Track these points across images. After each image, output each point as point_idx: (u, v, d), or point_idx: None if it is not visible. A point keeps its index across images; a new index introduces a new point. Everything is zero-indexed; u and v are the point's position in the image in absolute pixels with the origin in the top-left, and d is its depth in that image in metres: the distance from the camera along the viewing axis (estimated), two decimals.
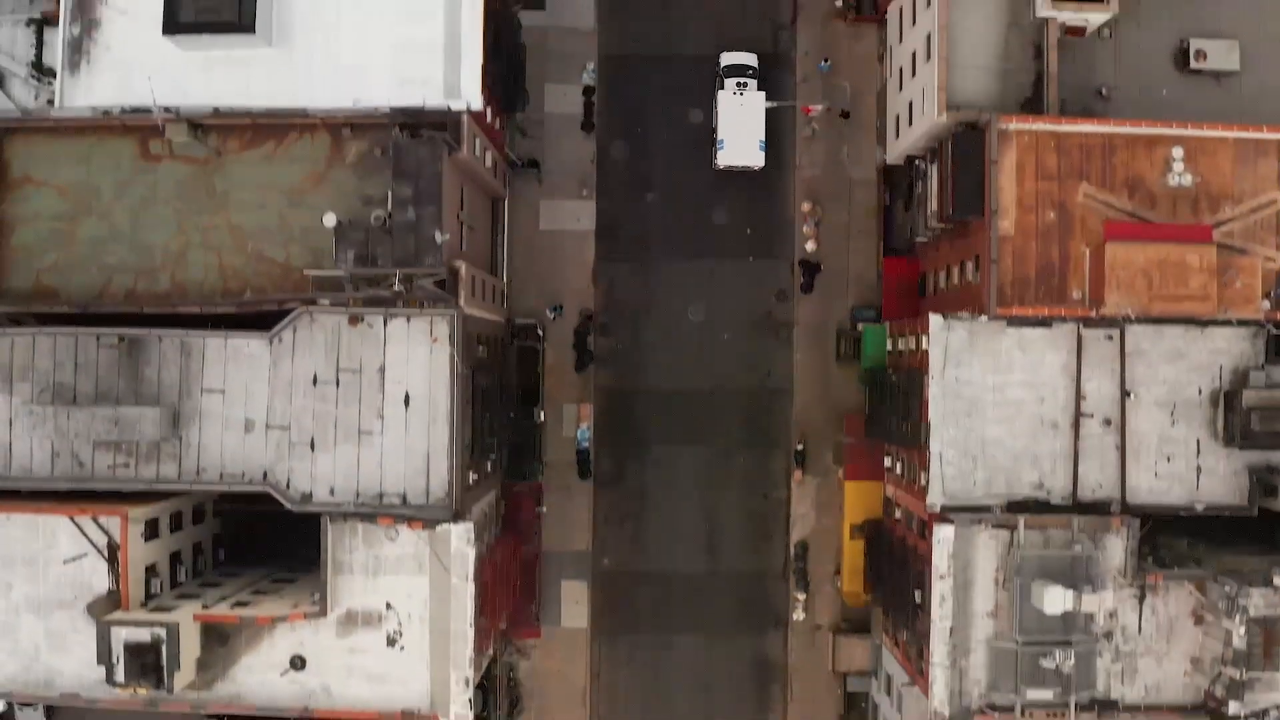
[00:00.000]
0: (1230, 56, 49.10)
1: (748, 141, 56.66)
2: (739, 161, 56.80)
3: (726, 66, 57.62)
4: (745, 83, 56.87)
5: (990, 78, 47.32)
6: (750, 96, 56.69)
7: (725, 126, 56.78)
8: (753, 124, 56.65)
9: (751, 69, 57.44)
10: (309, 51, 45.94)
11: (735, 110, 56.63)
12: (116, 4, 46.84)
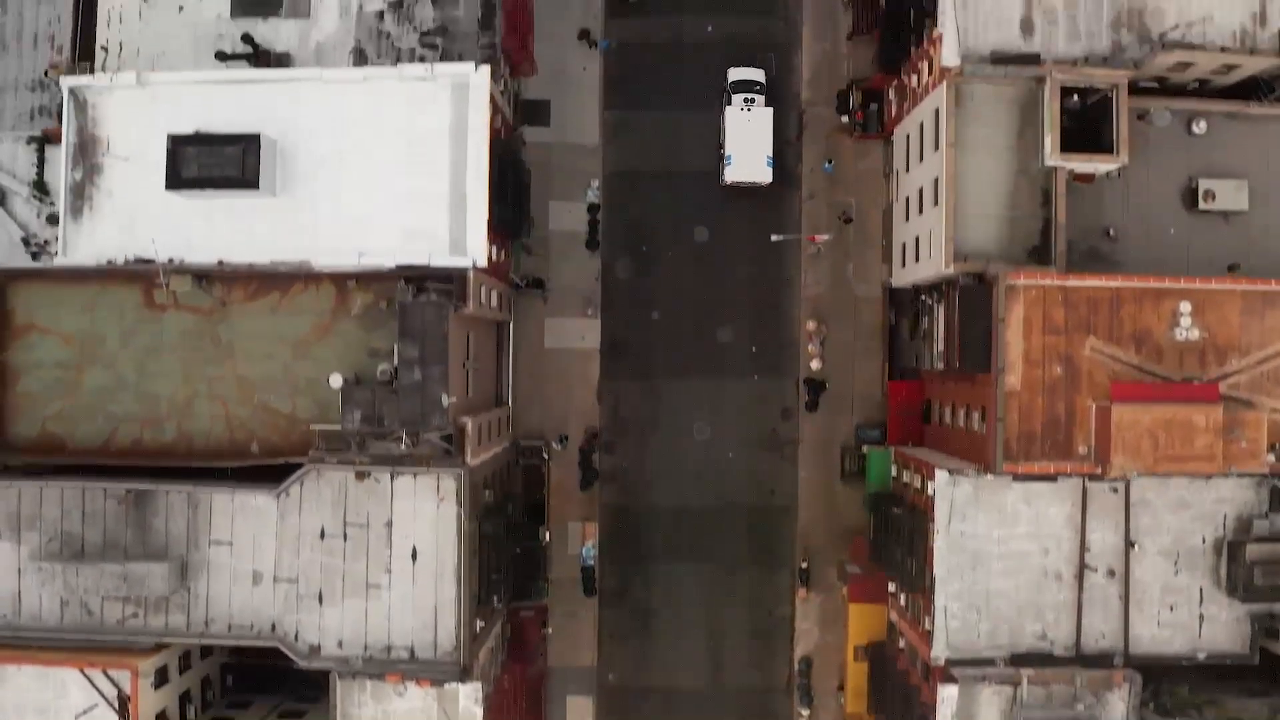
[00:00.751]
0: (1239, 196, 48.98)
1: (755, 158, 56.51)
2: (746, 177, 56.62)
3: (734, 82, 57.43)
4: (752, 99, 56.64)
5: (998, 225, 47.10)
6: (757, 113, 56.53)
7: (733, 143, 56.55)
8: (760, 140, 56.49)
9: (759, 85, 57.31)
10: (314, 203, 45.74)
11: (743, 126, 56.53)
12: (118, 150, 47.03)
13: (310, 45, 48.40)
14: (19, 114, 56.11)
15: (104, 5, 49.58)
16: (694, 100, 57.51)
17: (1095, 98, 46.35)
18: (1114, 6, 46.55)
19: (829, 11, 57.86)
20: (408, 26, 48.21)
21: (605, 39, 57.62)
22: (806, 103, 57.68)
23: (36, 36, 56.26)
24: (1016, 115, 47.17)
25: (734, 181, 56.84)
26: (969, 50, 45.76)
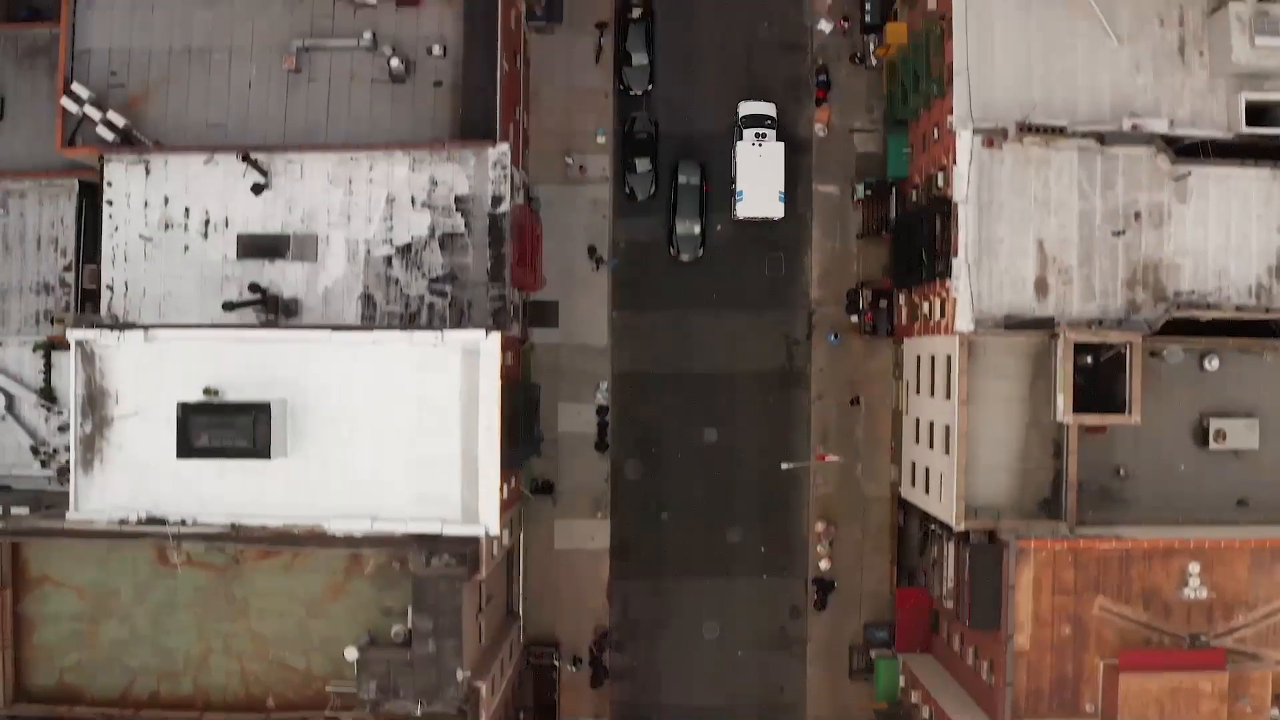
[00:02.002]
0: (1250, 435, 48.76)
1: (767, 193, 56.43)
2: (758, 213, 56.58)
3: (745, 116, 57.30)
4: (764, 133, 56.48)
5: (1008, 477, 47.01)
6: (769, 147, 56.37)
7: (744, 178, 56.39)
8: (771, 175, 56.37)
9: (770, 119, 57.12)
10: (325, 464, 45.38)
11: (754, 161, 56.41)
12: (127, 403, 47.01)
13: (318, 290, 48.22)
14: (24, 317, 55.34)
15: (108, 244, 49.36)
16: (703, 300, 57.36)
17: (1109, 354, 46.37)
18: (1129, 264, 46.48)
19: (839, 210, 57.58)
20: (416, 273, 48.00)
21: (613, 258, 57.40)
22: (816, 302, 57.47)
23: (40, 239, 55.70)
24: (1029, 366, 47.09)
25: (746, 217, 56.49)
26: (983, 315, 45.65)
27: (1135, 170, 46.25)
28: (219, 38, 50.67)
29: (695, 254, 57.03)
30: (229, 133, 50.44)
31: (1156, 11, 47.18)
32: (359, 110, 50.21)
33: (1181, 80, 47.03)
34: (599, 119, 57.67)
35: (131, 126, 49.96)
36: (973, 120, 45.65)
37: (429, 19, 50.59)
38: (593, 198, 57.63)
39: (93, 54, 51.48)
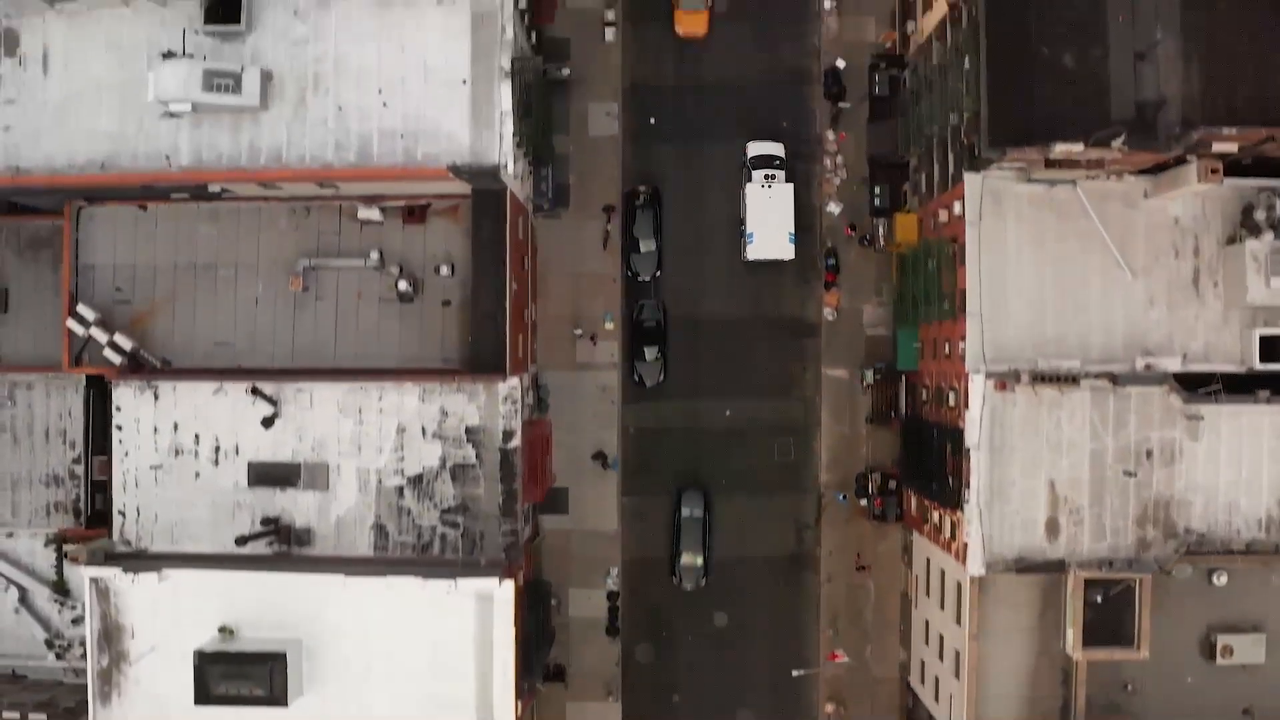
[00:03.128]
0: (1256, 650, 48.72)
1: (777, 233, 56.34)
2: (768, 254, 56.39)
3: (753, 157, 57.10)
4: (773, 174, 56.32)
5: (1017, 704, 47.19)
6: (778, 188, 56.24)
7: (754, 219, 56.39)
8: (781, 215, 56.20)
9: (778, 159, 57.00)
10: (341, 705, 45.73)
11: (763, 203, 56.27)
12: (143, 639, 47.13)
13: (330, 519, 48.09)
14: (34, 509, 55.45)
15: (118, 468, 49.21)
16: (713, 485, 57.21)
17: (1118, 589, 46.44)
18: (1140, 502, 46.30)
19: (848, 394, 57.27)
20: (428, 503, 47.88)
21: (616, 459, 57.26)
22: (825, 486, 57.51)
23: (48, 430, 55.70)
24: (1039, 596, 47.22)
25: (756, 259, 56.40)
26: (994, 558, 45.58)
27: (1147, 409, 46.11)
28: (224, 254, 50.66)
29: (697, 584, 56.66)
30: (236, 351, 50.69)
31: (1172, 243, 46.90)
32: (367, 329, 50.31)
33: (1195, 313, 46.83)
34: (607, 304, 57.52)
35: (139, 347, 49.89)
36: (985, 363, 45.72)
37: (436, 237, 50.53)
38: (601, 384, 57.45)
39: (97, 269, 51.42)
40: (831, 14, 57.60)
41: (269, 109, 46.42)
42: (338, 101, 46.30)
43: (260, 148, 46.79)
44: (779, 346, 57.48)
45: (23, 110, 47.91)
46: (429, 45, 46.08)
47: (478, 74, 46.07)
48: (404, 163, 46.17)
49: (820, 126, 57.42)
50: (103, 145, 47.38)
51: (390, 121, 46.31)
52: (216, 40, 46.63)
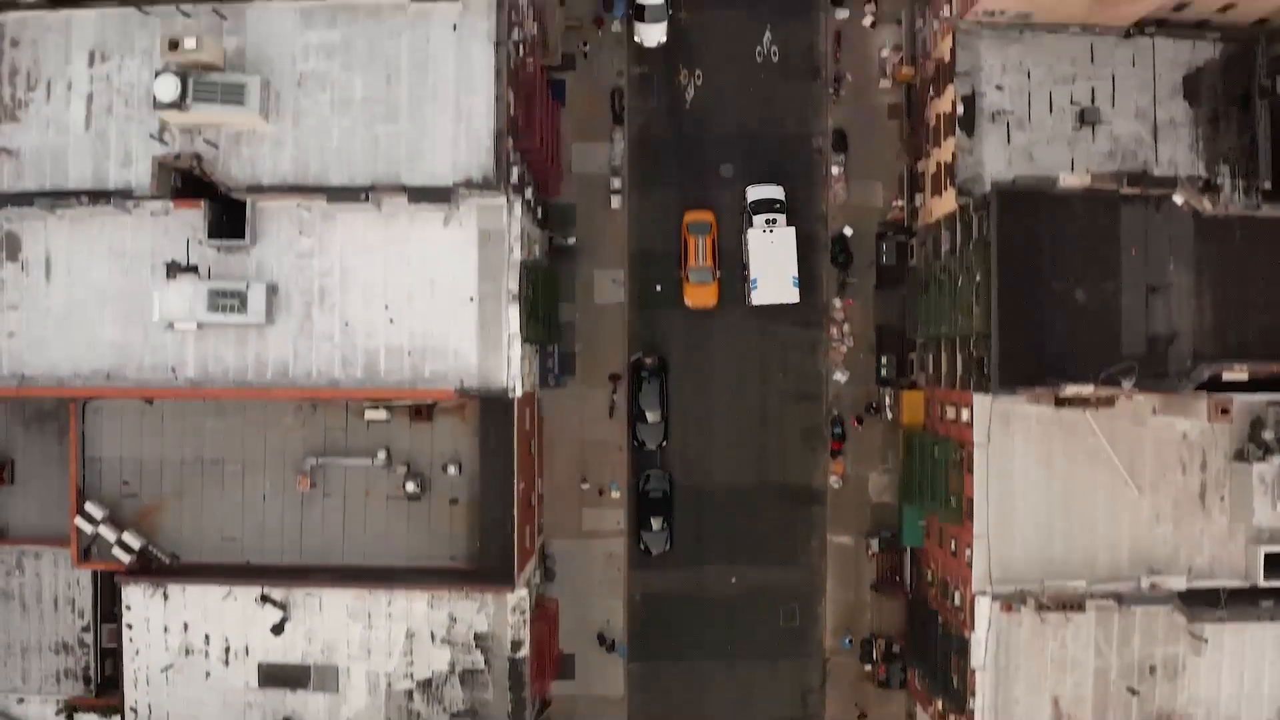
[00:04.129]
0: None
1: (781, 278, 56.55)
2: (773, 299, 56.51)
3: (754, 202, 57.26)
4: (774, 218, 56.61)
5: None
6: (780, 232, 56.35)
7: (757, 265, 56.42)
8: (784, 260, 56.36)
9: (779, 203, 57.09)
10: None
11: (766, 248, 56.39)
12: None
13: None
14: (44, 676, 55.72)
15: (129, 666, 49.22)
16: (718, 651, 57.23)
17: None
18: (1143, 715, 46.26)
19: (853, 560, 57.30)
20: (437, 707, 48.11)
21: (623, 645, 57.13)
22: (830, 651, 57.68)
23: (57, 599, 55.86)
24: None
25: (761, 304, 56.48)
26: None
27: (1152, 626, 46.25)
28: (231, 449, 50.44)
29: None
30: (245, 546, 50.43)
31: (1179, 458, 46.85)
32: (375, 526, 50.09)
33: (1201, 527, 46.82)
34: (613, 473, 57.42)
35: (148, 544, 49.73)
36: (992, 584, 45.86)
37: (443, 435, 50.32)
38: (608, 551, 57.55)
39: (104, 462, 51.16)
40: (839, 180, 57.51)
41: (275, 323, 46.26)
42: (344, 317, 46.15)
43: (266, 361, 46.62)
44: (785, 514, 57.49)
45: (26, 316, 47.74)
46: (436, 261, 45.90)
47: (485, 292, 45.94)
48: (411, 380, 46.04)
49: (827, 294, 57.37)
50: (108, 355, 47.26)
51: (397, 338, 46.20)
52: (221, 251, 46.88)
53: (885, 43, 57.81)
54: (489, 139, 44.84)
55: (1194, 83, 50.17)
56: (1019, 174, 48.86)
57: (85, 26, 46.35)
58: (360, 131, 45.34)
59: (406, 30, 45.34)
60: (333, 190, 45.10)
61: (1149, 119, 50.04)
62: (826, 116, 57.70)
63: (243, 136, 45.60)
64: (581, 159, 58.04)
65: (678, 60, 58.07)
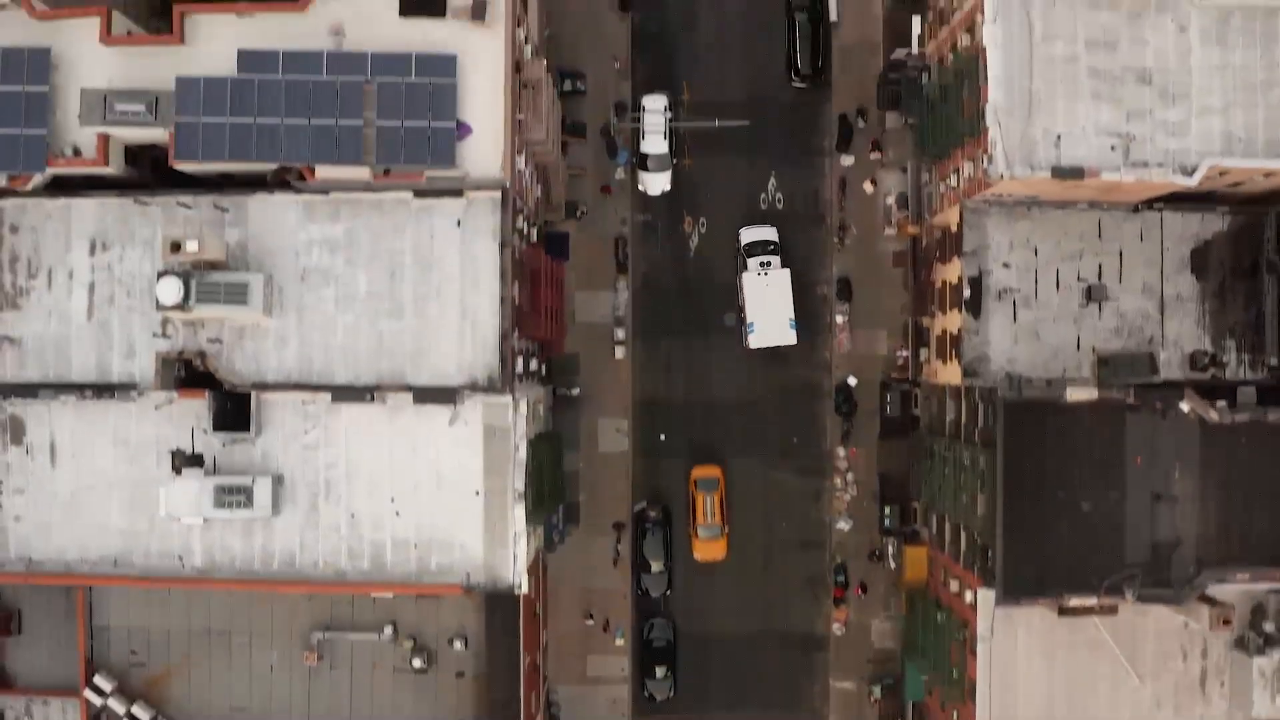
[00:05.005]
0: None
1: (778, 321, 56.70)
2: (771, 342, 56.71)
3: (748, 244, 57.44)
4: (768, 261, 56.65)
5: None
6: (775, 275, 56.49)
7: (753, 309, 56.57)
8: (780, 302, 56.56)
9: (773, 244, 57.10)
10: None
11: (761, 291, 56.49)
12: None
13: None
14: None
15: None
16: None
17: None
18: None
19: (856, 707, 57.56)
20: None
21: None
22: None
23: None
24: None
25: (759, 348, 56.63)
26: None
27: None
28: (238, 621, 50.47)
29: None
30: (253, 718, 50.64)
31: (1180, 645, 47.09)
32: (382, 699, 50.22)
33: (1201, 713, 47.15)
34: (617, 619, 57.83)
35: (157, 714, 49.68)
36: None
37: (450, 611, 50.08)
38: (612, 697, 57.91)
39: (111, 630, 51.18)
40: (843, 329, 57.51)
41: (281, 514, 46.11)
42: (350, 509, 45.96)
43: (273, 552, 46.51)
44: (788, 661, 57.83)
45: (32, 500, 47.47)
46: (441, 454, 45.57)
47: (491, 487, 45.64)
48: (417, 573, 45.85)
49: (831, 442, 57.50)
50: (114, 541, 47.07)
51: (403, 531, 46.02)
52: (226, 441, 46.85)
53: (890, 190, 57.71)
54: (494, 338, 44.77)
55: (1202, 256, 50.24)
56: (1025, 353, 48.41)
57: (85, 215, 46.16)
58: (364, 328, 45.28)
59: (410, 225, 45.39)
60: (338, 389, 44.95)
61: (1156, 294, 50.23)
62: (831, 264, 57.77)
63: (246, 330, 45.60)
64: (585, 307, 58.09)
65: (682, 208, 58.01)
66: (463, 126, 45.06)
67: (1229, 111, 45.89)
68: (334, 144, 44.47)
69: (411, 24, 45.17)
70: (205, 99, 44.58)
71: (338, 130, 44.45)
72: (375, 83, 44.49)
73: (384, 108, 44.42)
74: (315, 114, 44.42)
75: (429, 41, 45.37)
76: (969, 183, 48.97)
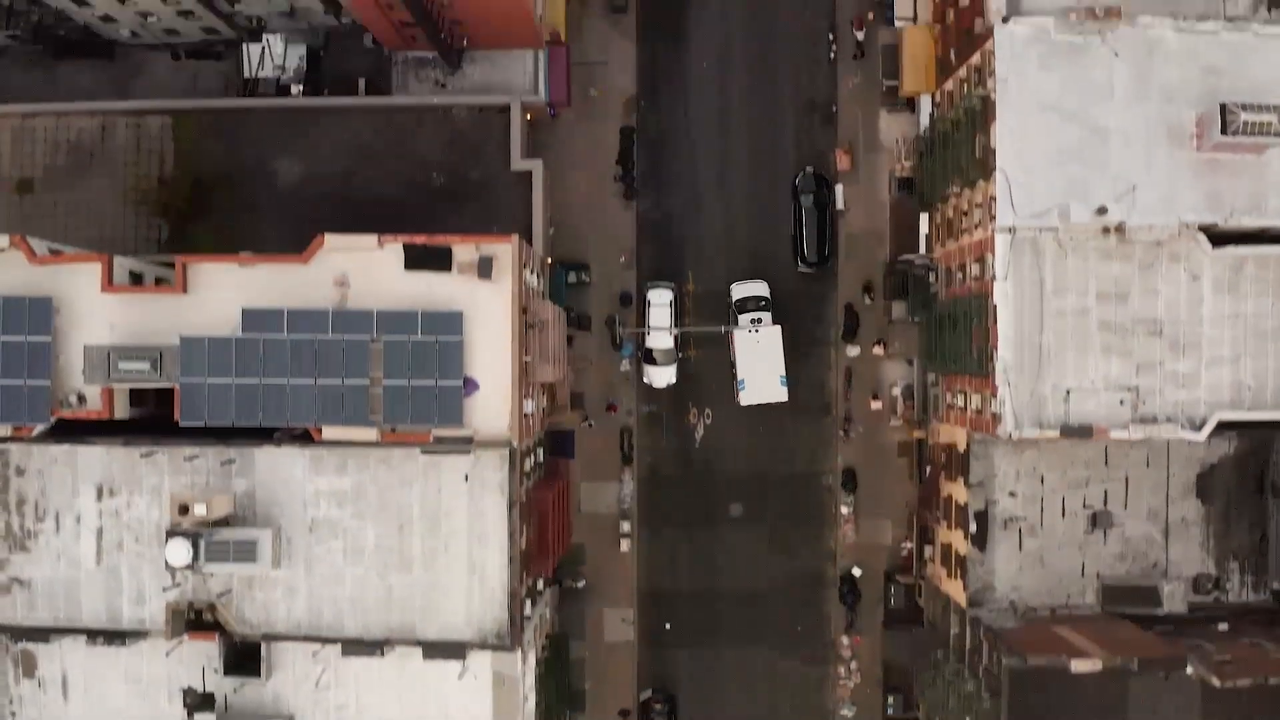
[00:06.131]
0: None
1: (769, 378, 56.97)
2: (762, 399, 57.05)
3: (739, 300, 57.69)
4: (759, 317, 57.10)
5: None
6: (766, 332, 56.66)
7: (744, 365, 56.67)
8: (771, 359, 56.76)
9: (764, 300, 57.46)
10: None
11: (752, 348, 56.64)
12: None
13: None
14: None
15: None
16: None
17: None
18: None
19: None
20: None
21: None
22: None
23: None
24: None
25: (750, 404, 56.81)
26: None
27: None
28: None
29: None
30: None
31: None
32: None
33: None
34: None
35: None
36: None
37: None
38: None
39: None
40: (848, 520, 57.38)
41: None
42: None
43: None
44: None
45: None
46: (450, 701, 45.53)
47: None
48: None
49: (835, 631, 57.47)
50: None
51: None
52: (237, 685, 46.96)
53: (896, 381, 57.33)
54: (503, 595, 44.77)
55: (1207, 480, 50.27)
56: (1030, 581, 48.60)
57: (91, 461, 45.94)
58: (373, 580, 45.16)
59: (418, 479, 45.20)
60: (348, 642, 44.93)
61: (1161, 519, 50.29)
62: (836, 454, 57.52)
63: (255, 580, 45.54)
64: (590, 498, 57.90)
65: (687, 400, 57.80)
66: (469, 383, 45.33)
67: (1239, 361, 46.12)
68: (340, 404, 44.49)
69: (416, 276, 45.60)
70: (210, 359, 44.41)
71: (344, 390, 44.42)
72: (381, 341, 44.38)
73: (391, 366, 44.39)
74: (321, 373, 44.36)
75: (434, 295, 45.25)
76: (976, 415, 48.84)
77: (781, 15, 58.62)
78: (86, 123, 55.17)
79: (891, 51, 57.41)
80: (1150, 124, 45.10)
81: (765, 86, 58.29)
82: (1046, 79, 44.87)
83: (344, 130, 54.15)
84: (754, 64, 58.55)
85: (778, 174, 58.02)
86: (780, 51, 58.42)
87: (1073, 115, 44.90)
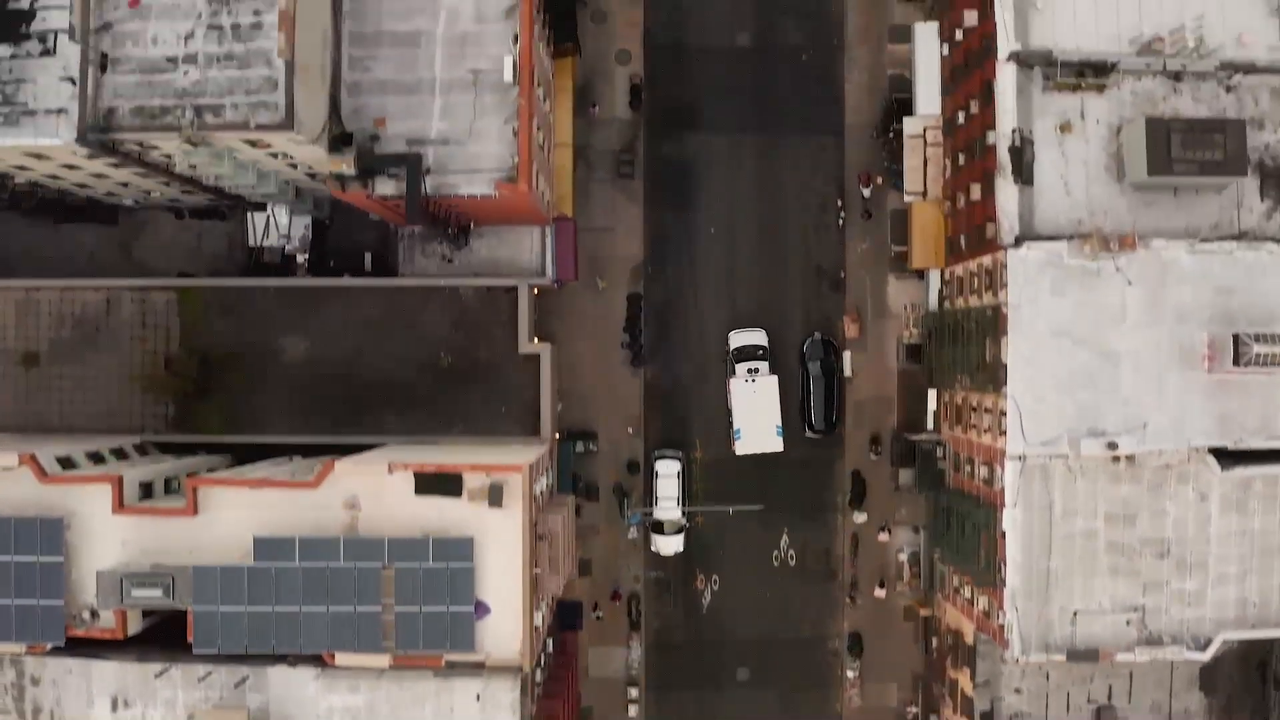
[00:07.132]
0: None
1: (764, 428, 57.52)
2: (758, 449, 57.49)
3: (736, 350, 58.16)
4: (756, 368, 57.51)
5: None
6: (763, 381, 57.18)
7: (740, 415, 57.17)
8: (768, 409, 57.31)
9: (761, 349, 57.96)
10: None
11: (749, 398, 57.15)
12: None
13: None
14: None
15: None
16: None
17: None
18: None
19: None
20: None
21: None
22: None
23: None
24: None
25: (746, 454, 57.25)
26: None
27: None
28: None
29: None
30: None
31: None
32: None
33: None
34: None
35: None
36: None
37: None
38: None
39: None
40: (854, 685, 57.57)
41: None
42: None
43: None
44: None
45: None
46: None
47: None
48: None
49: None
50: None
51: None
52: None
53: (903, 546, 57.41)
54: None
55: (1210, 672, 50.66)
56: None
57: (106, 674, 46.19)
58: None
59: (430, 698, 45.39)
60: None
61: (1164, 712, 50.65)
62: (842, 619, 57.69)
63: None
64: (598, 663, 58.07)
65: (695, 565, 57.82)
66: (481, 607, 45.35)
67: (1245, 578, 46.16)
68: (353, 631, 44.60)
69: (427, 500, 45.65)
70: (223, 587, 44.62)
71: (356, 617, 44.58)
72: (393, 568, 44.46)
73: (402, 593, 44.51)
74: (334, 600, 44.51)
75: (445, 519, 45.28)
76: (983, 618, 48.72)
77: (789, 180, 58.23)
78: (91, 296, 54.74)
79: (901, 217, 57.25)
80: (1162, 347, 44.99)
81: (773, 252, 58.08)
82: (1059, 304, 44.65)
83: (351, 308, 53.67)
84: (762, 229, 58.25)
85: (786, 341, 57.78)
86: (788, 216, 58.21)
87: (1084, 340, 44.77)
